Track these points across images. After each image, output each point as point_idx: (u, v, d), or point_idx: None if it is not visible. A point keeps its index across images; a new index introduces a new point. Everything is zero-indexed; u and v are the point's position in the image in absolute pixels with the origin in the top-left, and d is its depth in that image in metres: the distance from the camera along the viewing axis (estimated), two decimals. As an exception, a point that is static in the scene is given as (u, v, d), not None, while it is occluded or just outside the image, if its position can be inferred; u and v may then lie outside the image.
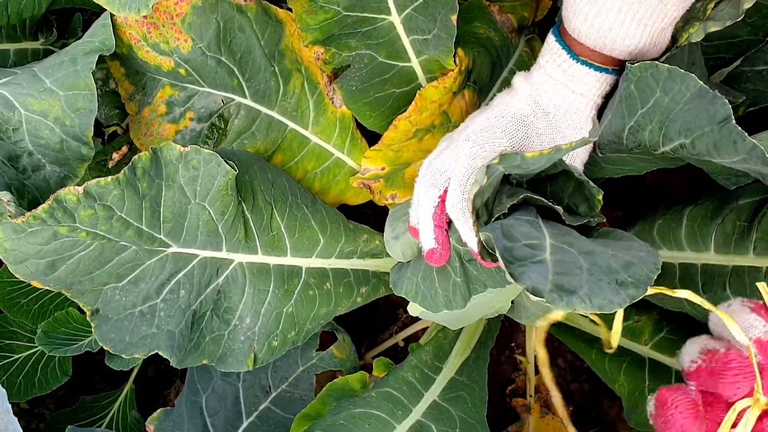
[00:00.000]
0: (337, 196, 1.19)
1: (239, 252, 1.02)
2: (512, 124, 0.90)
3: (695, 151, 0.75)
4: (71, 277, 0.91)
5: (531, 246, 0.66)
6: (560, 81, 0.89)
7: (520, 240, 0.67)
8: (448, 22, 1.02)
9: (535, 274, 0.62)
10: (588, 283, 0.63)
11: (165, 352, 0.98)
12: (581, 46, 0.87)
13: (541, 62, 0.92)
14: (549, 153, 0.69)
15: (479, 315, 1.10)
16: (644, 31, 0.82)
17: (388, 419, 1.00)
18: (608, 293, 0.64)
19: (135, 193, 0.90)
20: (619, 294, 0.65)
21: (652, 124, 0.80)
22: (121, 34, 1.00)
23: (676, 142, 0.77)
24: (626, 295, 0.65)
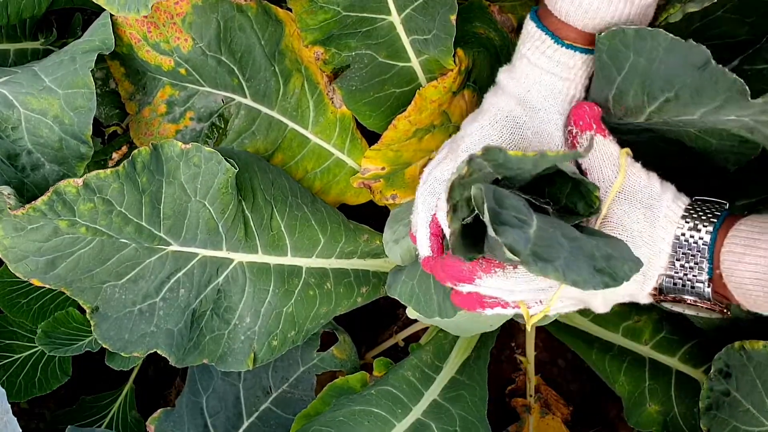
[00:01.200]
0: (338, 195, 1.19)
1: (239, 251, 1.02)
2: (506, 128, 0.88)
3: (679, 103, 0.75)
4: (71, 275, 0.91)
5: (518, 218, 0.65)
6: (546, 69, 0.87)
7: (510, 210, 0.65)
8: (447, 22, 1.02)
9: (517, 236, 0.62)
10: (566, 259, 0.63)
11: (164, 350, 0.98)
12: (567, 28, 0.84)
13: (523, 51, 0.89)
14: (533, 156, 0.68)
15: (478, 329, 1.09)
16: (632, 8, 0.81)
17: (388, 417, 1.00)
18: (584, 272, 0.63)
19: (135, 187, 0.90)
20: (596, 277, 0.64)
21: (633, 87, 0.80)
22: (122, 34, 1.00)
23: (661, 98, 0.77)
24: (601, 281, 0.64)
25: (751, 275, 0.71)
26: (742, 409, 0.95)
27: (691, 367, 1.11)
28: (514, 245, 0.61)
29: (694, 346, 1.12)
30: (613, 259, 0.67)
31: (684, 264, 0.77)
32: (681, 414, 1.09)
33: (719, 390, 0.98)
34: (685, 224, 0.77)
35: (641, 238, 0.78)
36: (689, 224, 0.77)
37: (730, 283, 0.74)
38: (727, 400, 0.97)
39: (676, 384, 1.11)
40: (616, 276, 0.66)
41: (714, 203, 0.79)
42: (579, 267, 0.63)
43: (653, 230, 0.78)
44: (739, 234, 0.73)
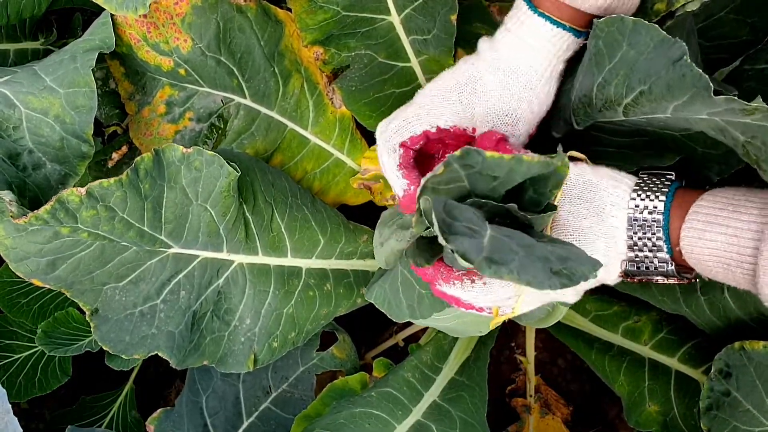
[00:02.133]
0: (337, 196, 1.19)
1: (240, 253, 1.02)
2: (463, 78, 0.90)
3: (652, 96, 0.75)
4: (71, 276, 0.91)
5: (471, 228, 0.64)
6: (517, 35, 0.88)
7: (461, 221, 0.65)
8: (447, 22, 1.02)
9: (469, 244, 0.61)
10: (521, 261, 0.62)
11: (165, 352, 0.98)
12: (549, 1, 0.85)
13: (505, 19, 0.90)
14: (510, 159, 0.68)
15: (470, 332, 1.09)
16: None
17: (389, 419, 1.00)
18: (539, 273, 0.63)
19: (137, 194, 0.90)
20: (552, 278, 0.63)
21: (617, 78, 0.80)
22: (121, 34, 1.00)
23: (637, 90, 0.78)
24: (559, 282, 0.63)
25: (711, 252, 0.71)
26: (743, 410, 0.95)
27: (691, 367, 1.11)
28: (466, 253, 0.60)
29: (694, 346, 1.12)
30: (569, 261, 0.67)
31: (643, 246, 0.77)
32: (681, 414, 1.09)
33: (719, 390, 0.98)
34: (635, 207, 0.76)
35: (592, 233, 0.78)
36: (639, 205, 0.77)
37: (690, 260, 0.74)
38: (728, 401, 0.97)
39: (676, 384, 1.11)
40: (573, 276, 0.65)
41: (661, 176, 0.79)
42: (534, 268, 0.63)
43: (602, 221, 0.78)
44: (701, 210, 0.73)
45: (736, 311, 1.03)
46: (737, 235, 0.69)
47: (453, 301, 0.83)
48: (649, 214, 0.76)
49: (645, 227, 0.76)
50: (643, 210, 0.76)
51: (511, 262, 0.61)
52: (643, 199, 0.77)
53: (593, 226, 0.78)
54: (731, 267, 0.70)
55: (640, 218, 0.76)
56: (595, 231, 0.78)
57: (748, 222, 0.69)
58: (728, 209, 0.71)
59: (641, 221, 0.76)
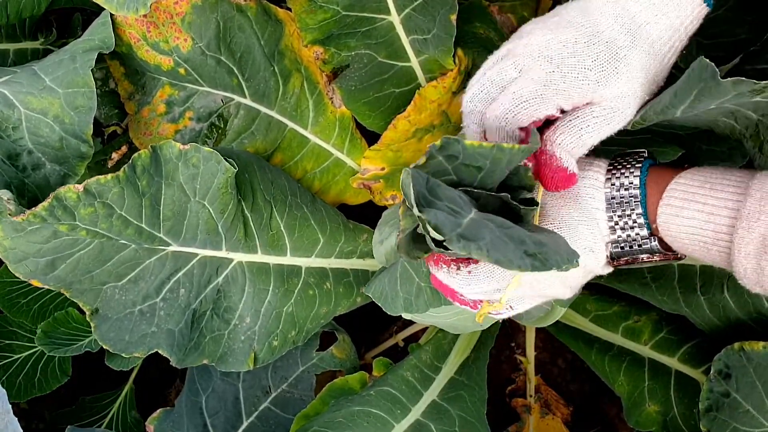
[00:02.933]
0: (337, 195, 1.19)
1: (239, 251, 1.02)
2: (605, 54, 0.73)
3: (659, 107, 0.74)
4: (71, 276, 0.91)
5: (452, 210, 0.62)
6: (661, 9, 0.74)
7: (443, 200, 0.63)
8: (447, 21, 1.02)
9: (445, 219, 0.59)
10: (493, 239, 0.61)
11: (165, 351, 0.98)
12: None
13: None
14: (490, 147, 0.65)
15: (469, 328, 1.09)
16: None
17: (387, 418, 1.00)
18: (510, 252, 0.61)
19: (135, 191, 0.90)
20: (524, 258, 0.61)
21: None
22: (121, 33, 1.00)
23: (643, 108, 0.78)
24: (530, 263, 0.61)
25: (687, 229, 0.71)
26: (742, 410, 0.95)
27: (691, 367, 1.11)
28: (439, 226, 0.59)
29: (694, 346, 1.12)
30: (545, 247, 0.66)
31: (624, 225, 0.76)
32: (680, 414, 1.09)
33: (719, 391, 0.98)
34: (611, 185, 0.76)
35: (573, 219, 0.78)
36: (615, 183, 0.76)
37: (666, 237, 0.74)
38: (727, 402, 0.97)
39: (676, 384, 1.11)
40: (547, 261, 0.63)
41: (634, 155, 0.78)
42: (506, 248, 0.61)
43: (580, 205, 0.77)
44: (678, 188, 0.73)
45: (736, 311, 1.03)
46: (713, 212, 0.69)
47: (448, 294, 0.81)
48: (626, 191, 0.75)
49: (623, 204, 0.76)
50: (620, 188, 0.76)
51: (482, 240, 0.60)
52: (618, 177, 0.76)
53: (572, 212, 0.78)
54: (707, 245, 0.71)
55: (618, 196, 0.76)
56: (575, 217, 0.78)
57: (724, 200, 0.69)
58: (705, 187, 0.71)
59: (618, 199, 0.76)
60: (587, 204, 0.77)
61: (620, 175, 0.76)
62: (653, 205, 0.74)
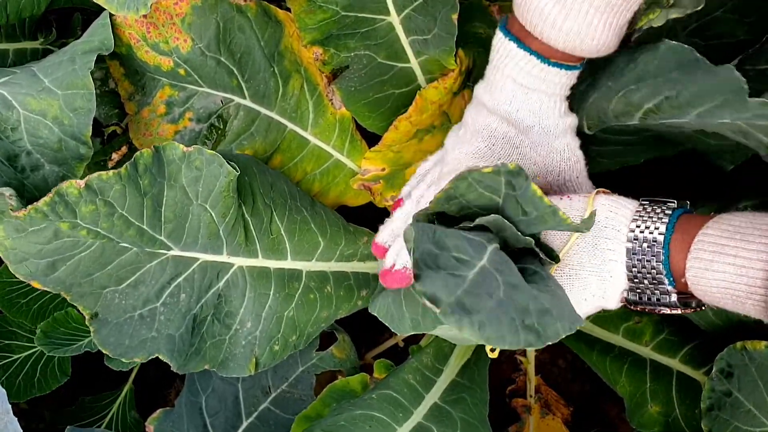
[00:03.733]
0: (337, 197, 1.19)
1: (239, 256, 1.01)
2: (504, 150, 0.88)
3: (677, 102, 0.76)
4: (71, 278, 0.91)
5: (458, 259, 0.62)
6: (533, 88, 0.87)
7: (451, 250, 0.63)
8: (448, 21, 1.02)
9: (442, 284, 0.59)
10: (491, 312, 0.60)
11: (165, 356, 0.98)
12: (550, 50, 0.85)
13: (506, 72, 0.88)
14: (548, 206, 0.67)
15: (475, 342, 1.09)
16: (610, 30, 0.81)
17: (389, 421, 0.99)
18: (505, 329, 0.61)
19: (136, 189, 0.90)
20: (518, 334, 0.61)
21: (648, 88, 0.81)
22: (121, 34, 1.00)
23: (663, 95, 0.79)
24: (524, 339, 0.62)
25: (719, 283, 0.69)
26: (744, 410, 0.95)
27: (692, 368, 1.11)
28: (435, 295, 0.58)
29: (695, 347, 1.12)
30: (547, 315, 0.65)
31: (643, 278, 0.75)
32: (682, 415, 1.09)
33: (721, 390, 0.98)
34: (634, 239, 0.74)
35: (585, 269, 0.76)
36: (639, 237, 0.74)
37: (696, 292, 0.72)
38: (729, 401, 0.97)
39: (678, 385, 1.11)
40: (543, 335, 0.64)
41: (662, 204, 0.76)
42: (500, 323, 0.60)
43: (595, 256, 0.76)
44: (706, 239, 0.70)
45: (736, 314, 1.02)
46: (746, 265, 0.67)
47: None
48: (649, 248, 0.74)
49: (644, 261, 0.74)
50: (643, 241, 0.74)
51: (478, 314, 0.59)
52: (642, 230, 0.74)
53: (585, 262, 0.77)
54: (741, 299, 0.68)
55: (639, 251, 0.74)
56: (587, 267, 0.77)
57: (757, 252, 0.67)
58: (735, 238, 0.68)
59: (640, 255, 0.74)
60: (604, 255, 0.76)
61: (644, 228, 0.74)
62: (681, 259, 0.72)
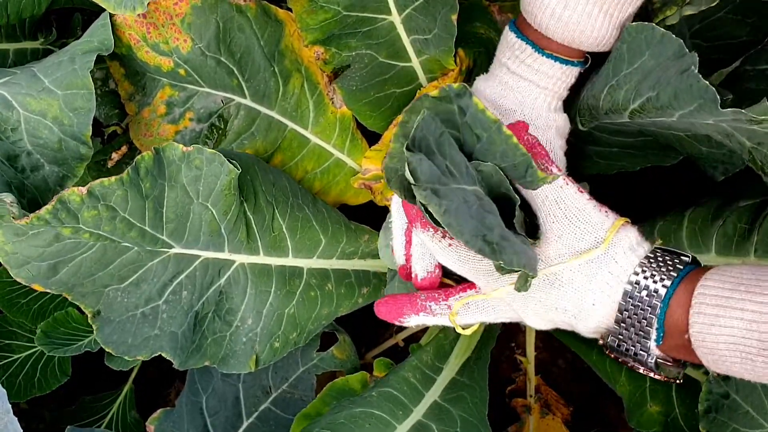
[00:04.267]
0: (338, 196, 1.19)
1: (241, 253, 1.02)
2: None
3: (658, 104, 0.75)
4: (73, 280, 0.91)
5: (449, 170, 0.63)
6: (525, 77, 0.87)
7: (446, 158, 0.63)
8: (448, 21, 1.02)
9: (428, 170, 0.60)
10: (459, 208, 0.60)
11: (168, 353, 0.98)
12: (547, 40, 0.85)
13: (503, 60, 0.90)
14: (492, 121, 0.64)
15: None
16: (610, 22, 0.81)
17: (389, 419, 0.99)
18: (466, 227, 0.60)
19: (138, 193, 0.90)
20: (476, 239, 0.61)
21: (629, 84, 0.80)
22: (121, 35, 1.00)
23: (644, 96, 0.78)
24: (479, 246, 0.61)
25: (727, 339, 0.64)
26: (742, 412, 0.95)
27: (692, 368, 1.11)
28: (416, 171, 0.58)
29: (695, 346, 1.12)
30: (507, 243, 0.64)
31: (630, 326, 0.70)
32: (682, 415, 1.09)
33: (718, 392, 0.98)
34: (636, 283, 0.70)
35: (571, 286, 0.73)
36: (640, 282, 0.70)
37: (700, 348, 0.66)
38: (727, 403, 0.97)
39: (677, 385, 1.11)
40: (498, 254, 0.63)
41: (676, 256, 0.72)
42: (465, 221, 0.60)
43: (591, 281, 0.72)
44: (708, 292, 0.66)
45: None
46: (756, 320, 0.62)
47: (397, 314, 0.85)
48: (647, 297, 0.69)
49: (638, 309, 0.69)
50: (642, 290, 0.70)
51: (450, 203, 0.59)
52: (647, 277, 0.70)
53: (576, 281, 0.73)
54: (751, 356, 0.63)
55: (636, 297, 0.70)
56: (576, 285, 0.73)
57: (764, 304, 0.62)
58: (740, 290, 0.64)
59: (636, 301, 0.70)
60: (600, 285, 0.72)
61: (650, 276, 0.70)
62: (681, 312, 0.68)
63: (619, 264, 0.72)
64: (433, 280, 0.87)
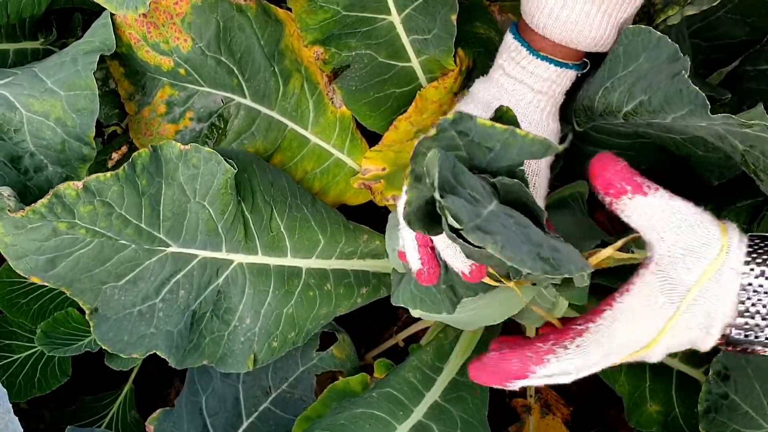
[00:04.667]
0: (337, 196, 1.19)
1: (239, 252, 1.02)
2: None
3: (650, 107, 0.75)
4: (71, 275, 0.91)
5: (474, 198, 0.62)
6: (519, 79, 0.87)
7: (466, 187, 0.62)
8: (448, 21, 1.02)
9: (464, 208, 0.59)
10: (509, 238, 0.60)
11: (163, 352, 0.98)
12: (545, 41, 0.84)
13: (499, 62, 0.89)
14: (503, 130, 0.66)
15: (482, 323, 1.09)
16: (609, 22, 0.81)
17: (389, 420, 1.00)
18: (524, 253, 0.60)
19: (134, 189, 0.90)
20: (536, 261, 0.60)
21: (623, 86, 0.80)
22: (121, 34, 1.00)
23: (637, 99, 0.78)
24: (541, 266, 0.61)
25: None
26: (741, 412, 0.95)
27: (692, 367, 1.11)
28: (458, 215, 0.58)
29: (695, 346, 1.12)
30: (559, 254, 0.64)
31: (755, 315, 0.67)
32: (682, 414, 1.09)
33: (717, 393, 0.98)
34: (751, 271, 0.67)
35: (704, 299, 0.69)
36: (755, 270, 0.67)
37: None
38: (726, 403, 0.97)
39: (677, 384, 1.11)
40: (557, 268, 0.62)
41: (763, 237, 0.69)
42: (519, 248, 0.60)
43: (716, 286, 0.68)
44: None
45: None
46: None
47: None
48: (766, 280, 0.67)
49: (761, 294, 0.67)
50: (761, 277, 0.67)
51: (498, 235, 0.59)
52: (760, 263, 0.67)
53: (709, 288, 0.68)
54: None
55: (756, 283, 0.67)
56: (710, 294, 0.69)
57: None
58: None
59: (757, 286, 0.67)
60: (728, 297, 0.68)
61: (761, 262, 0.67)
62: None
63: (738, 259, 0.69)
64: (481, 269, 0.84)
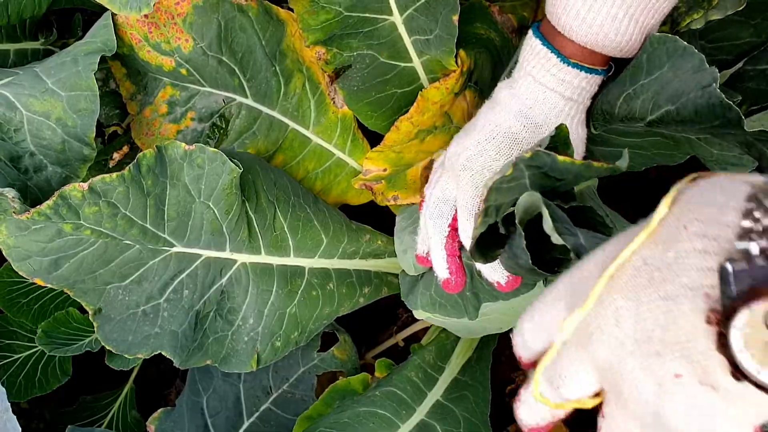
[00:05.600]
0: (339, 196, 1.19)
1: (243, 252, 1.02)
2: (505, 144, 0.86)
3: (678, 117, 0.75)
4: (74, 276, 0.91)
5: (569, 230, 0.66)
6: (551, 87, 0.86)
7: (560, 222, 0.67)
8: (449, 22, 1.02)
9: (573, 242, 0.63)
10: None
11: (168, 352, 0.98)
12: (571, 45, 0.84)
13: (528, 68, 0.88)
14: (580, 164, 0.67)
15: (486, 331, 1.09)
16: (636, 27, 0.80)
17: (393, 418, 1.00)
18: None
19: (140, 190, 0.90)
20: None
21: (646, 94, 0.79)
22: (122, 34, 1.00)
23: (663, 109, 0.77)
24: None
25: None
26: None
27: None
28: (578, 248, 0.62)
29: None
30: None
31: None
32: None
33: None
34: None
35: None
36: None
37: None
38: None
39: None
40: None
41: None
42: None
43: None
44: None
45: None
46: None
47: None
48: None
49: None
50: None
51: None
52: None
53: None
54: None
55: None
56: None
57: None
58: None
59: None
60: None
61: None
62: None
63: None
64: (516, 279, 0.87)
